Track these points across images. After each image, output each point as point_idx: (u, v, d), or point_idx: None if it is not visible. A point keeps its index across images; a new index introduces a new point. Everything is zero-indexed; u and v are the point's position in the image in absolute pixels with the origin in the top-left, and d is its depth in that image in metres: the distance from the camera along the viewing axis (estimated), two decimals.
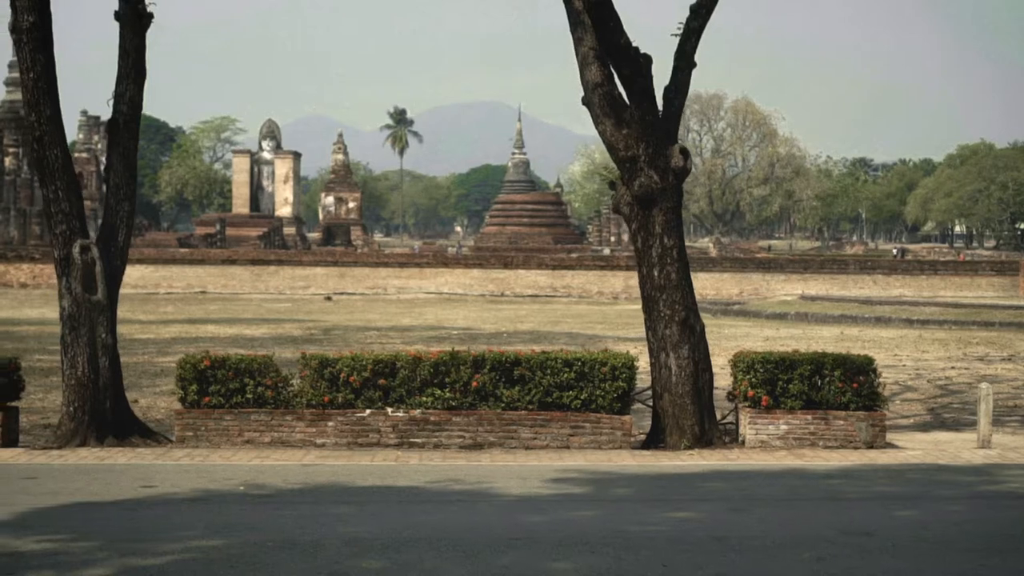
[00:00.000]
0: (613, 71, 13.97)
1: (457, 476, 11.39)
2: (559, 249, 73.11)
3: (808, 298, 50.60)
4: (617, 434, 13.86)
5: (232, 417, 13.77)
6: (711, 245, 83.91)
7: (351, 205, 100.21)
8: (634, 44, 13.75)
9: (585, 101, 14.11)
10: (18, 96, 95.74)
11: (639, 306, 54.07)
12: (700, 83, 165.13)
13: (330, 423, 13.78)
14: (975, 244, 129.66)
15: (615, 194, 14.48)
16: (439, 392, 13.80)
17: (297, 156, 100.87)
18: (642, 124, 13.84)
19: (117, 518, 9.24)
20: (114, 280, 14.30)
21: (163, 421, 15.94)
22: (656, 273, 14.08)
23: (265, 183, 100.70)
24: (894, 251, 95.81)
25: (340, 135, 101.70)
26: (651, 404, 14.57)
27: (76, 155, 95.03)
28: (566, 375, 13.79)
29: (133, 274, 53.45)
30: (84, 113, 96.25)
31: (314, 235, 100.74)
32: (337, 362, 13.94)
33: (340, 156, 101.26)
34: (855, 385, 13.90)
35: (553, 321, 39.87)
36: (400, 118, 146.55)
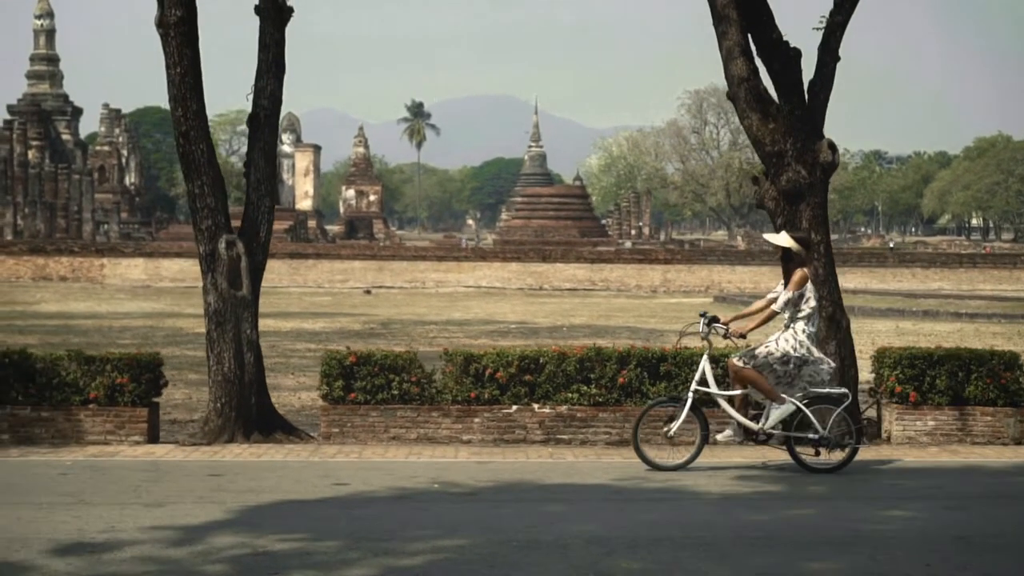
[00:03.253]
0: (757, 66, 13.91)
1: (637, 473, 11.34)
2: (586, 242, 73.09)
3: (848, 291, 50.48)
4: None
5: (378, 413, 13.71)
6: (740, 239, 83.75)
7: (372, 198, 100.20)
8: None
9: (730, 96, 14.05)
10: (39, 89, 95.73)
11: (679, 299, 54.03)
12: (718, 76, 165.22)
13: (476, 419, 13.73)
14: (992, 237, 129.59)
15: (758, 189, 14.42)
16: (585, 388, 13.75)
17: (317, 149, 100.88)
18: (790, 119, 13.78)
19: (338, 516, 9.17)
20: (257, 275, 14.25)
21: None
22: None
23: (285, 176, 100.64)
24: (891, 244, 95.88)
25: (361, 128, 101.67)
26: None
27: (97, 148, 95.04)
28: (713, 371, 13.70)
29: (172, 267, 53.52)
30: (106, 106, 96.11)
31: (335, 228, 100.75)
32: (482, 358, 13.88)
33: (361, 149, 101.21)
34: (1002, 381, 13.84)
35: (603, 315, 39.80)
36: (417, 111, 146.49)
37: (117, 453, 12.80)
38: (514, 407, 13.73)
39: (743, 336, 11.81)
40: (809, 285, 11.68)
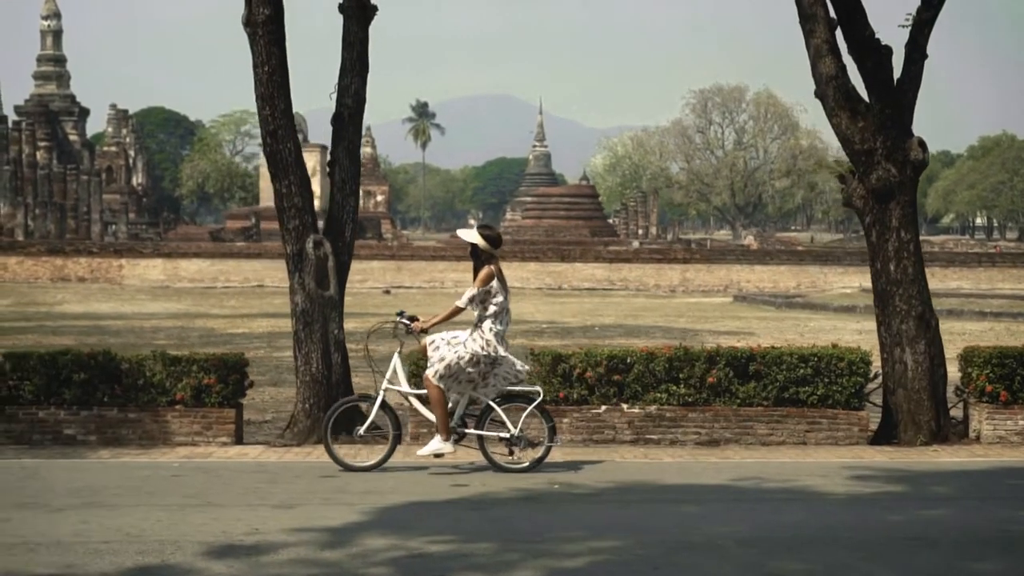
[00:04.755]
0: (845, 64, 13.86)
1: (750, 474, 11.26)
2: (598, 242, 72.96)
3: (869, 291, 50.47)
4: (854, 430, 13.76)
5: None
6: (752, 238, 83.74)
7: (379, 198, 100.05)
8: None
9: (818, 94, 13.98)
10: (46, 90, 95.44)
11: (699, 299, 53.83)
12: (722, 76, 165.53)
13: (565, 420, 13.63)
14: (997, 236, 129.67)
15: (845, 187, 14.35)
16: (674, 388, 13.68)
17: (324, 149, 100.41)
18: (881, 116, 13.72)
19: (475, 518, 9.09)
20: (342, 275, 14.16)
21: None
22: (892, 268, 13.97)
23: None
24: None
25: (368, 128, 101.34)
26: (874, 400, 14.44)
27: (105, 149, 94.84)
28: (802, 371, 13.67)
29: (190, 268, 53.40)
30: (113, 107, 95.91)
31: None
32: (570, 358, 13.81)
33: (368, 149, 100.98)
34: None
35: (629, 315, 39.71)
36: (422, 111, 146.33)
37: (210, 454, 12.70)
38: (603, 407, 13.66)
39: (425, 332, 11.51)
40: (495, 282, 11.37)
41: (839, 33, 13.87)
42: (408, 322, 11.61)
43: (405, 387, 11.75)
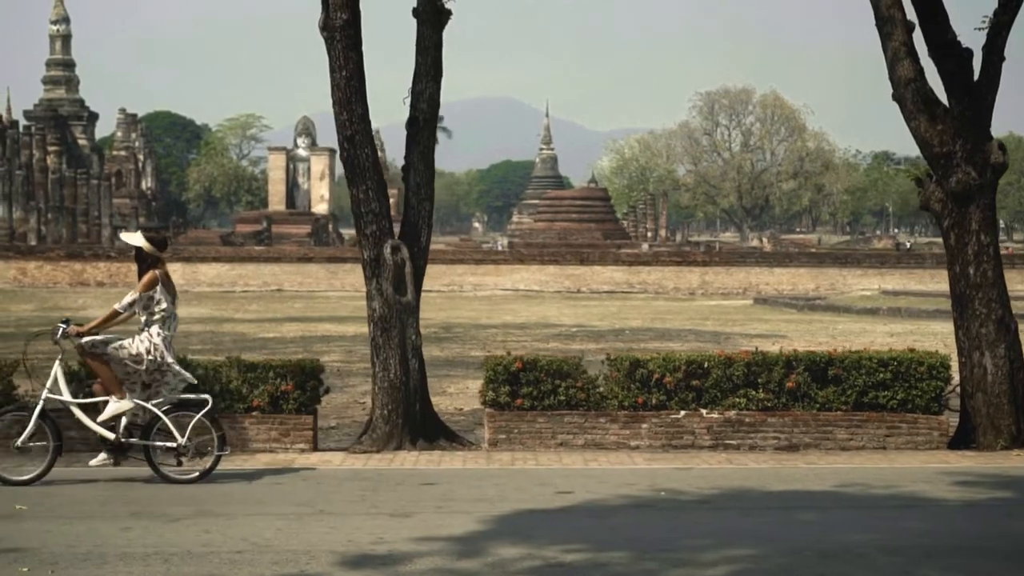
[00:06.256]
0: (923, 67, 13.80)
1: (853, 480, 11.19)
2: (610, 244, 72.90)
3: (889, 293, 50.42)
4: (934, 434, 13.71)
5: (545, 419, 13.57)
6: (766, 241, 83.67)
7: (389, 202, 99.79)
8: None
9: (895, 97, 13.90)
10: (55, 94, 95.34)
11: (719, 301, 53.59)
12: (729, 78, 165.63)
13: (644, 425, 13.59)
14: (1004, 237, 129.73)
15: (923, 191, 14.28)
16: (753, 393, 13.62)
17: (333, 153, 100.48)
18: (961, 119, 13.66)
19: (596, 526, 9.01)
20: (419, 280, 14.09)
21: None
22: (972, 271, 13.91)
23: (300, 180, 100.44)
24: (908, 244, 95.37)
25: (377, 131, 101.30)
26: (949, 405, 14.37)
27: (114, 153, 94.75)
28: (882, 375, 13.62)
29: (209, 272, 53.32)
30: (122, 111, 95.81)
31: (351, 232, 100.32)
32: (648, 363, 13.74)
33: (378, 152, 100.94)
34: None
35: (656, 318, 39.62)
36: None
37: (293, 461, 12.61)
38: (682, 412, 13.60)
39: (81, 336, 11.11)
40: (160, 287, 11.16)
41: (916, 35, 13.81)
42: (64, 325, 11.22)
43: (66, 396, 11.20)
